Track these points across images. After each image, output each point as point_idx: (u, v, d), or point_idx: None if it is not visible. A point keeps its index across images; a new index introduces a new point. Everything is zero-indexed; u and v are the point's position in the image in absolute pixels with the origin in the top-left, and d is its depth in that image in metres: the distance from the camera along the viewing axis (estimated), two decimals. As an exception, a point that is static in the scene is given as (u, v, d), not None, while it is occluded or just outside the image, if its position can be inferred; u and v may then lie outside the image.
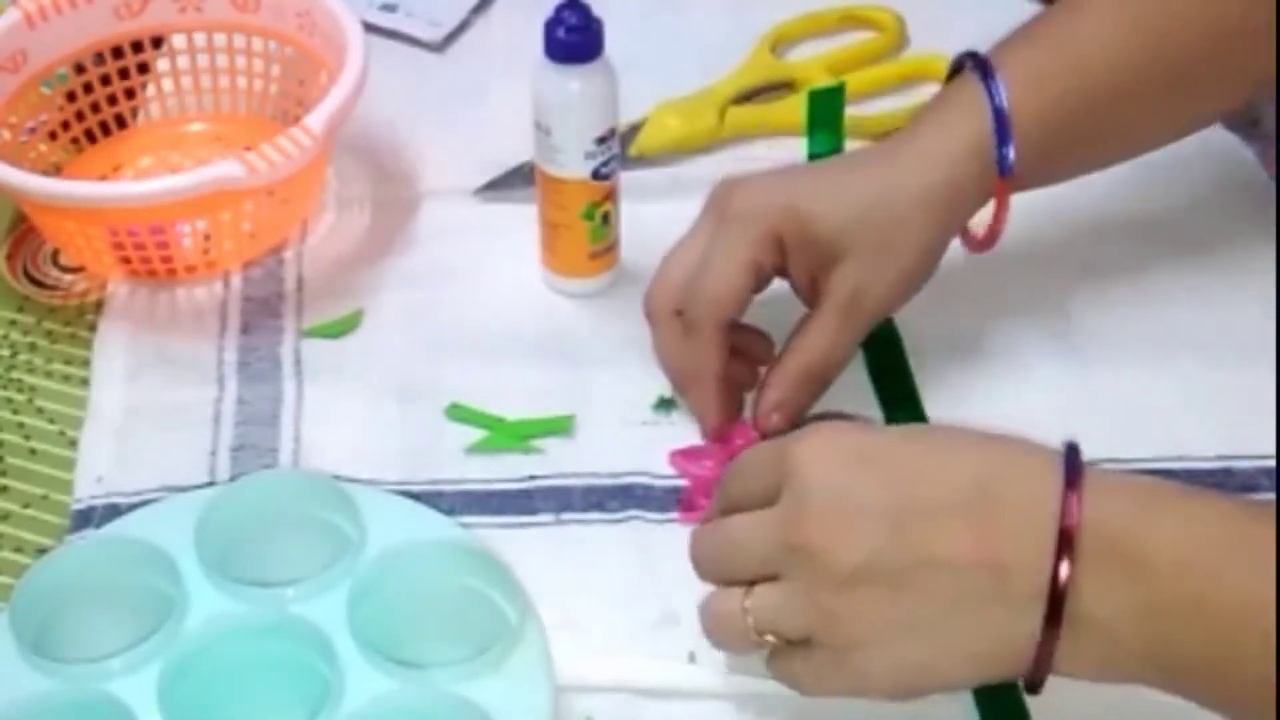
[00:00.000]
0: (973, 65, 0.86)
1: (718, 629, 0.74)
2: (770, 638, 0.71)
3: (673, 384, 0.89)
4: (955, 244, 0.89)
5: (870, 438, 0.72)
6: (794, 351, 0.86)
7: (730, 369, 0.87)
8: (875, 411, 0.89)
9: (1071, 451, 0.69)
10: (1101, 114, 0.86)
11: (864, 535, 0.68)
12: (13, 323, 0.96)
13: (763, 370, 0.88)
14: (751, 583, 0.72)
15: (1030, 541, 0.67)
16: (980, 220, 0.89)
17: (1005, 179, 0.85)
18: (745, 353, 0.89)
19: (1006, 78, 0.85)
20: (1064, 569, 0.66)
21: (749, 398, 0.88)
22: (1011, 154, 0.84)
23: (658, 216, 0.98)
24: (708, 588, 0.81)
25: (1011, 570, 0.67)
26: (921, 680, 0.70)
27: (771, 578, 0.71)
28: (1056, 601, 0.66)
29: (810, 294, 0.87)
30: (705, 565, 0.75)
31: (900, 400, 0.90)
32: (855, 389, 0.90)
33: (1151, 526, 0.67)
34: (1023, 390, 0.89)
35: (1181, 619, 0.66)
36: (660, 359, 0.89)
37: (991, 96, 0.84)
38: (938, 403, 0.89)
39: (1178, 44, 0.86)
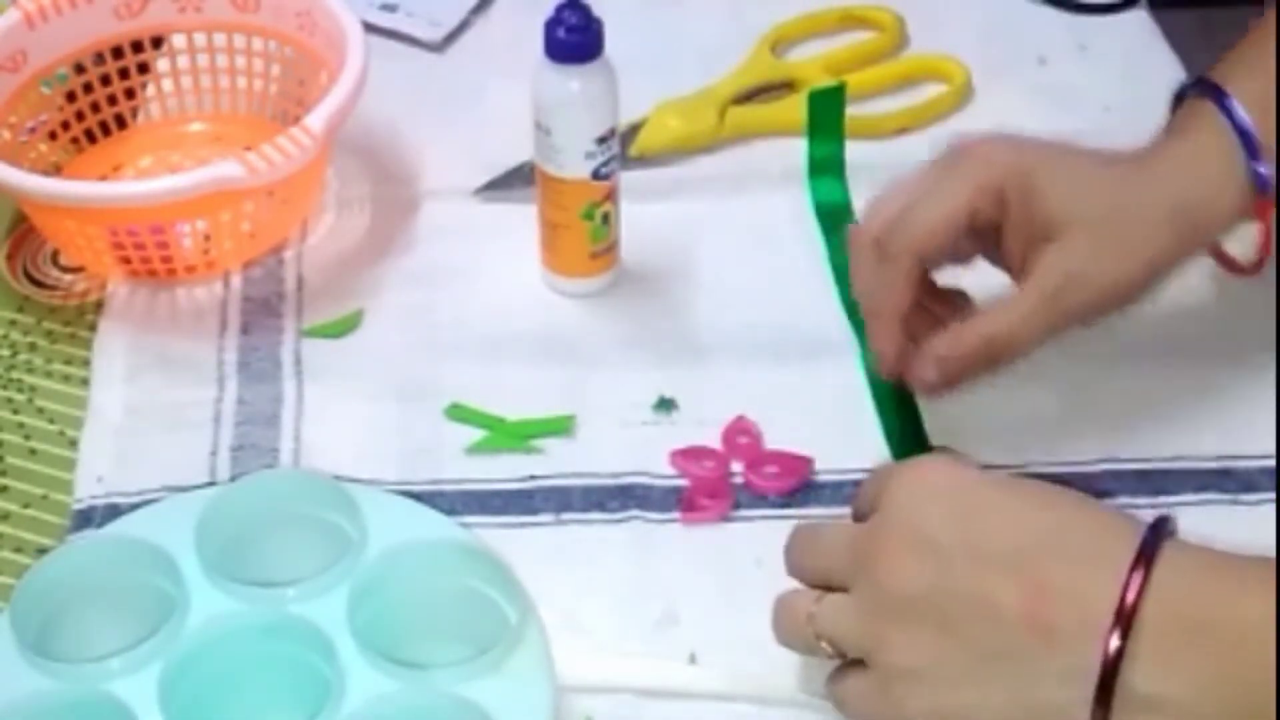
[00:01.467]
0: (1201, 90, 0.84)
1: (781, 621, 0.74)
2: (826, 646, 0.72)
3: (865, 314, 0.86)
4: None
5: (962, 476, 0.71)
6: (982, 317, 0.83)
7: (919, 317, 0.85)
8: (873, 411, 0.89)
9: (1158, 524, 0.66)
10: None
11: (922, 567, 0.68)
12: (13, 323, 0.96)
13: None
14: (827, 589, 0.72)
15: (1083, 610, 0.65)
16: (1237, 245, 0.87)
17: (1264, 196, 0.83)
18: (941, 306, 0.86)
19: (1239, 101, 0.83)
20: (1114, 642, 0.63)
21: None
22: (1266, 170, 0.82)
23: (658, 216, 0.99)
24: (708, 589, 0.82)
25: (1059, 636, 0.65)
26: (961, 717, 0.68)
27: (843, 590, 0.71)
28: (1108, 677, 0.64)
29: (1017, 265, 0.83)
30: (791, 560, 0.75)
31: (895, 402, 0.90)
32: (855, 390, 0.90)
33: (1219, 594, 0.65)
34: (1022, 390, 0.89)
35: (1256, 684, 0.63)
36: (855, 286, 0.86)
37: (1232, 117, 0.83)
38: (938, 403, 0.89)
39: None
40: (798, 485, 0.85)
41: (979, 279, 0.86)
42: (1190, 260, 0.86)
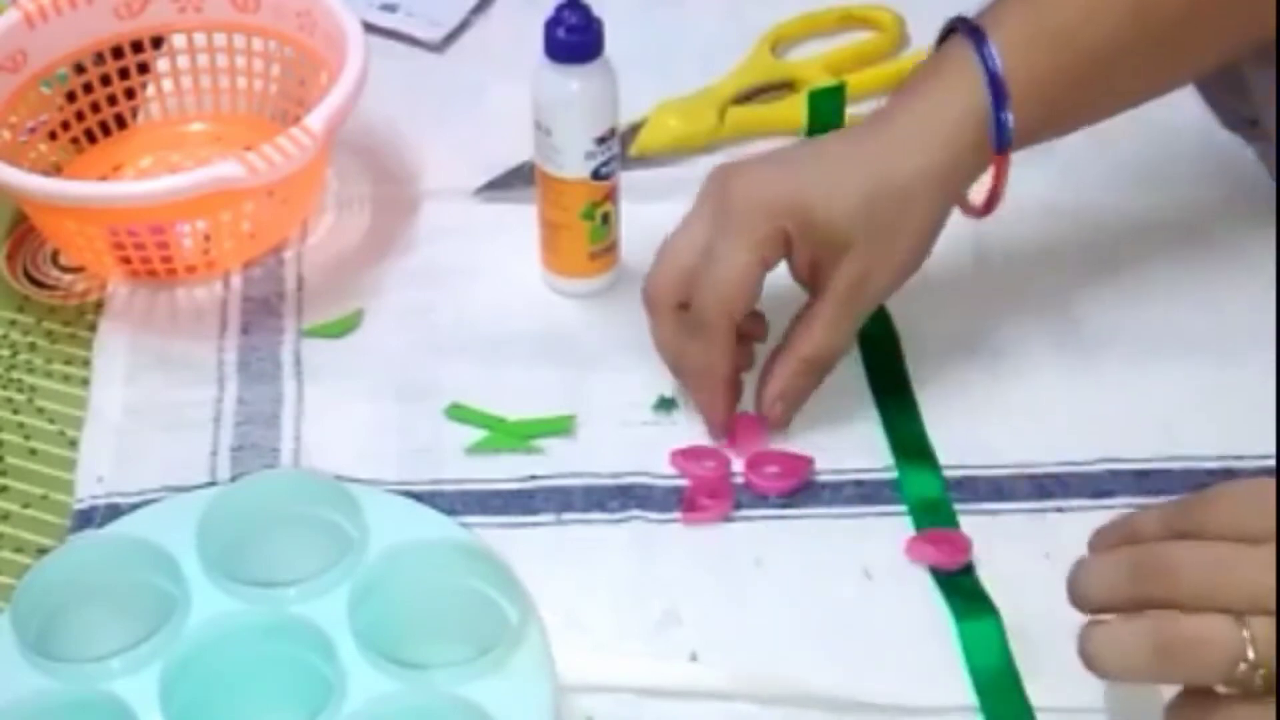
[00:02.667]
0: (964, 30, 0.85)
1: (1191, 652, 0.65)
2: (1259, 679, 0.64)
3: (675, 376, 0.89)
4: (955, 249, 0.89)
5: None
6: (796, 342, 0.87)
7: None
8: (872, 411, 0.89)
9: None
10: (1090, 78, 0.86)
11: None
12: (13, 323, 0.96)
13: (758, 349, 0.89)
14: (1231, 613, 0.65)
15: None
16: (977, 187, 0.88)
17: (1003, 149, 0.85)
18: (742, 335, 0.88)
19: (999, 42, 0.84)
20: None
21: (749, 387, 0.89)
22: (1010, 119, 0.84)
23: (658, 216, 0.98)
24: (709, 588, 0.81)
25: None
26: None
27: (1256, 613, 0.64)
28: None
29: (810, 280, 0.87)
30: (1199, 584, 0.65)
31: (895, 402, 0.90)
32: (855, 390, 0.90)
33: None
34: (1023, 390, 0.89)
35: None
36: (662, 352, 0.89)
37: (985, 63, 0.84)
38: (938, 403, 0.89)
39: (1160, 6, 0.85)
40: (798, 485, 0.86)
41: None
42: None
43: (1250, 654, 0.64)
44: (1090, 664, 0.68)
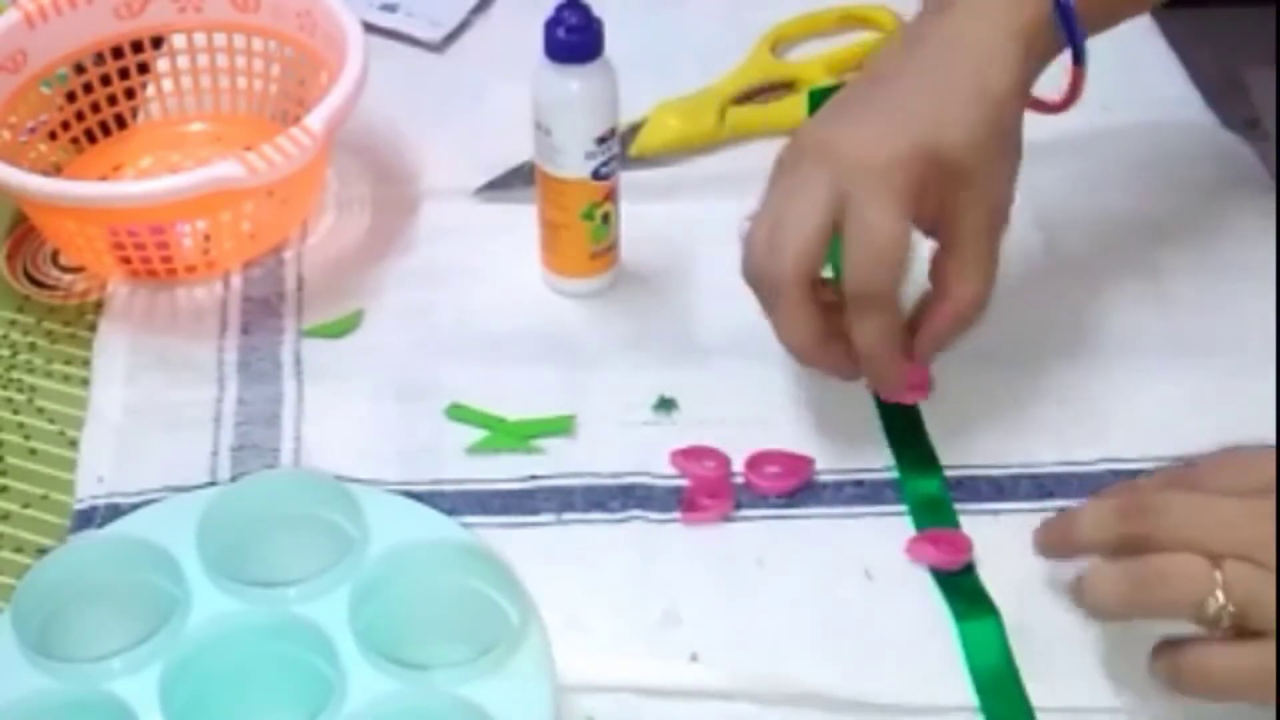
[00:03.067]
0: None
1: (1163, 585, 0.71)
2: (1227, 618, 0.69)
3: (805, 359, 0.84)
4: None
5: None
6: (954, 291, 0.83)
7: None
8: (873, 411, 0.89)
9: None
10: None
11: None
12: (13, 323, 0.96)
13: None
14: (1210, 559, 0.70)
15: None
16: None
17: (1075, 38, 0.84)
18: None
19: None
20: None
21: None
22: (1068, 7, 0.82)
23: (658, 216, 0.99)
24: (709, 588, 0.81)
25: None
26: None
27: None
28: None
29: (939, 220, 0.83)
30: (1179, 524, 0.71)
31: (896, 402, 0.90)
32: (856, 390, 0.90)
33: None
34: (1023, 390, 0.89)
35: None
36: (795, 333, 0.83)
37: None
38: (939, 402, 0.89)
39: None
40: (798, 485, 0.86)
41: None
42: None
43: (1219, 594, 0.69)
44: (1081, 602, 0.74)
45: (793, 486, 0.85)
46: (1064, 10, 0.83)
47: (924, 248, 0.84)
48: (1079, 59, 0.85)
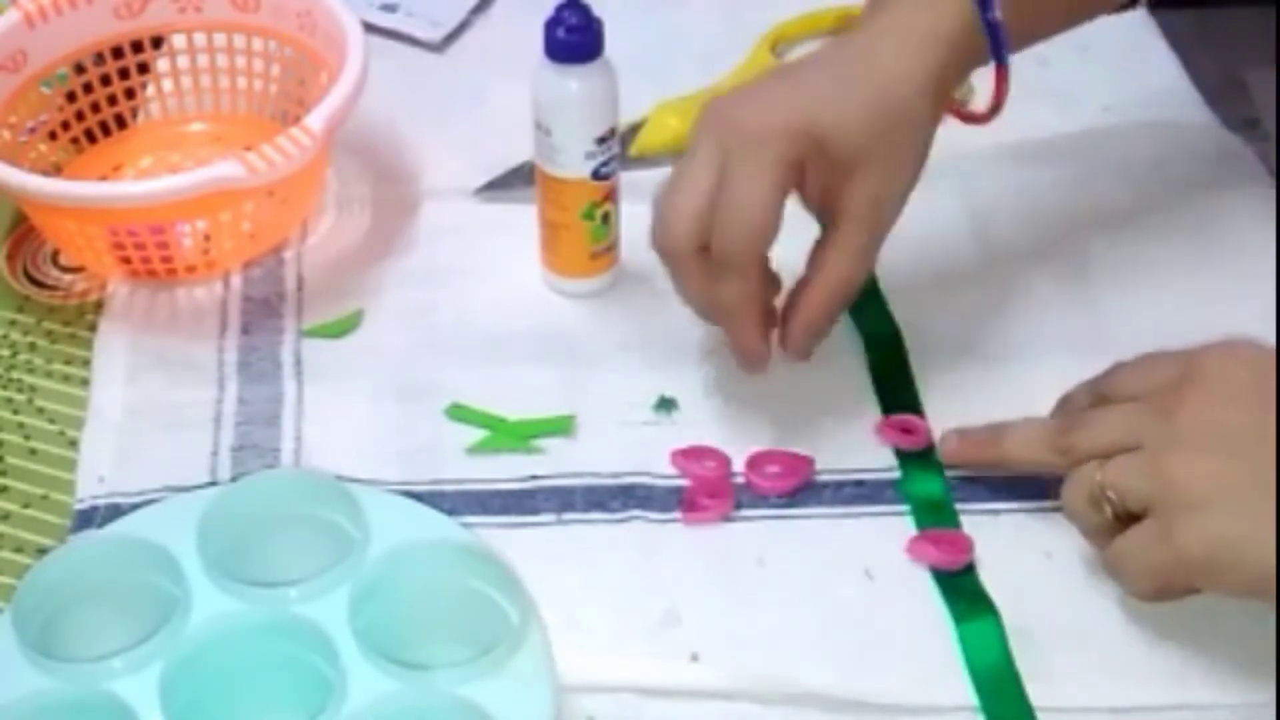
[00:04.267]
0: None
1: (1069, 486, 0.79)
2: (1108, 506, 0.76)
3: (706, 319, 0.87)
4: (957, 248, 0.89)
5: (1269, 352, 0.77)
6: (822, 272, 0.84)
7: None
8: (874, 411, 0.89)
9: None
10: None
11: (1236, 411, 0.75)
12: (13, 323, 0.96)
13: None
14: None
15: None
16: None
17: (999, 53, 0.84)
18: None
19: None
20: None
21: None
22: (992, 17, 0.83)
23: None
24: (709, 588, 0.82)
25: None
26: (1234, 558, 0.72)
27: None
28: None
29: (823, 205, 0.85)
30: (1089, 429, 0.79)
31: (898, 401, 0.90)
32: (857, 389, 0.90)
33: None
34: (1024, 390, 0.89)
35: None
36: (689, 300, 0.86)
37: None
38: (941, 402, 0.89)
39: None
40: (799, 485, 0.86)
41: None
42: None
43: (1099, 476, 0.77)
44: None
45: (793, 486, 0.85)
46: (990, 23, 0.83)
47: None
48: (1002, 69, 0.85)
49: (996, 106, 0.87)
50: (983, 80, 0.87)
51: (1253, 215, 0.99)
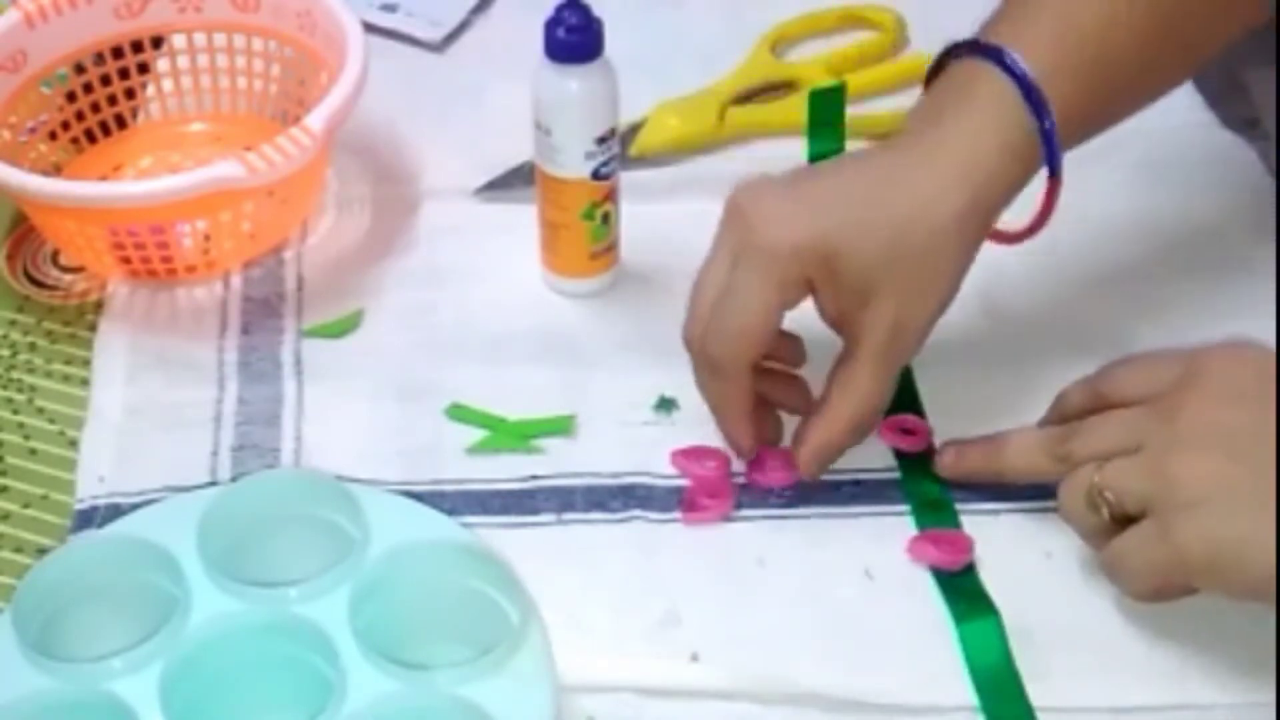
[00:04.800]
0: (975, 50, 0.82)
1: (1066, 488, 0.78)
2: (1105, 508, 0.76)
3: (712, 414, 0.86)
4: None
5: (1271, 355, 0.77)
6: (837, 403, 0.83)
7: (765, 390, 0.85)
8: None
9: None
10: (1119, 81, 0.83)
11: (1235, 411, 0.74)
12: (13, 323, 0.96)
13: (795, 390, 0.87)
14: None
15: None
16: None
17: (1054, 166, 0.82)
18: (779, 359, 0.86)
19: (1017, 55, 0.80)
20: None
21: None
22: (1049, 125, 0.80)
23: (658, 216, 0.98)
24: (709, 588, 0.81)
25: None
26: (1234, 558, 0.72)
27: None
28: None
29: (840, 326, 0.83)
30: (1088, 435, 0.79)
31: (898, 401, 0.90)
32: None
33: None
34: (1023, 390, 0.89)
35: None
36: (700, 391, 0.85)
37: (1014, 75, 0.80)
38: (939, 404, 0.89)
39: None
40: (798, 478, 0.85)
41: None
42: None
43: (1097, 478, 0.76)
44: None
45: (794, 478, 0.85)
46: (1046, 131, 0.81)
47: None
48: (1054, 182, 0.83)
49: (1041, 222, 0.85)
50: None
51: (1253, 215, 0.99)
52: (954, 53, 0.84)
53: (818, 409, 0.84)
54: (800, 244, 0.80)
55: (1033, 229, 0.86)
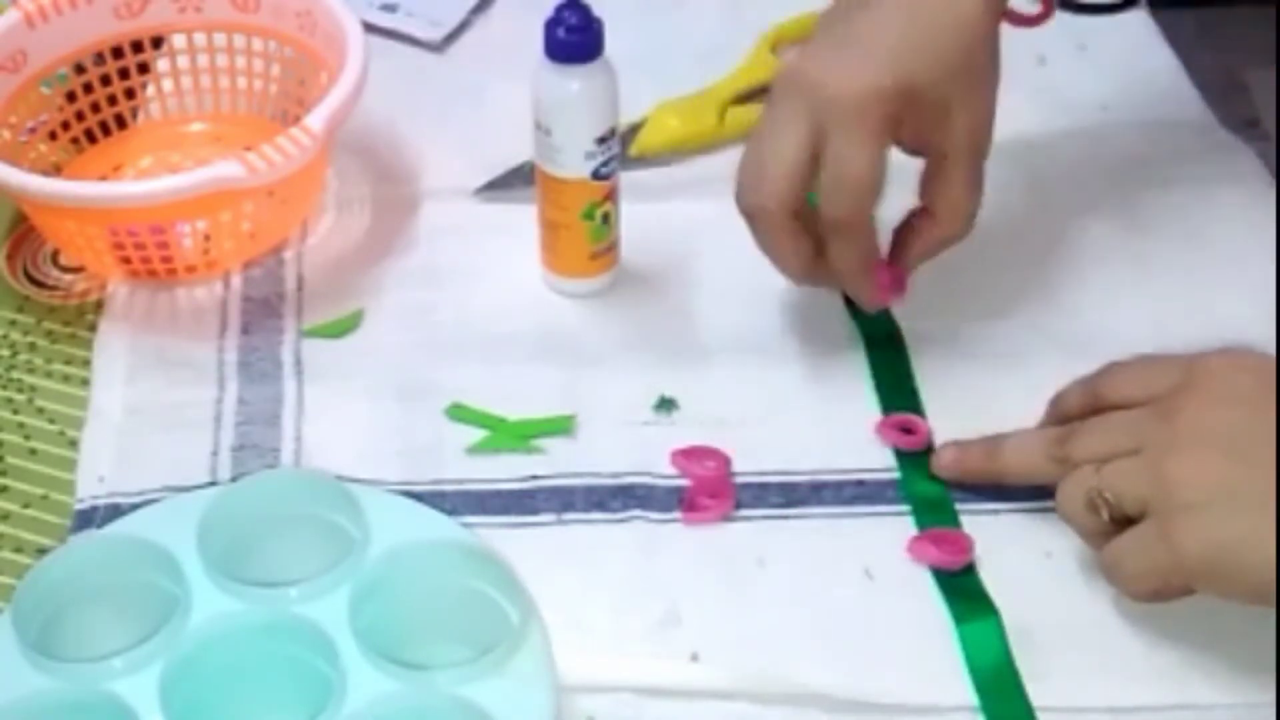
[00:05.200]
0: None
1: (1065, 489, 0.79)
2: (1104, 509, 0.76)
3: (805, 283, 0.90)
4: (958, 249, 0.89)
5: (1270, 361, 0.77)
6: (938, 207, 0.87)
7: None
8: (874, 411, 0.89)
9: None
10: None
11: (1232, 412, 0.75)
12: (13, 323, 0.96)
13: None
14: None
15: None
16: None
17: None
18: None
19: None
20: None
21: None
22: None
23: (658, 216, 0.98)
24: (710, 588, 0.81)
25: None
26: (1234, 561, 0.72)
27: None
28: None
29: (921, 147, 0.87)
30: (1087, 437, 0.80)
31: (899, 401, 0.90)
32: (858, 389, 0.90)
33: None
34: (1023, 390, 0.89)
35: None
36: (783, 259, 0.88)
37: None
38: (938, 402, 0.89)
39: None
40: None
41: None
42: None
43: (1096, 479, 0.76)
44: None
45: (900, 295, 0.89)
46: None
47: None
48: None
49: (1047, 9, 0.90)
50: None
51: (1253, 215, 0.99)
52: None
53: (919, 217, 0.88)
54: (882, 87, 0.83)
55: (1043, 13, 0.91)
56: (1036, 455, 0.82)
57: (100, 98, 1.05)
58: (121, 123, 1.06)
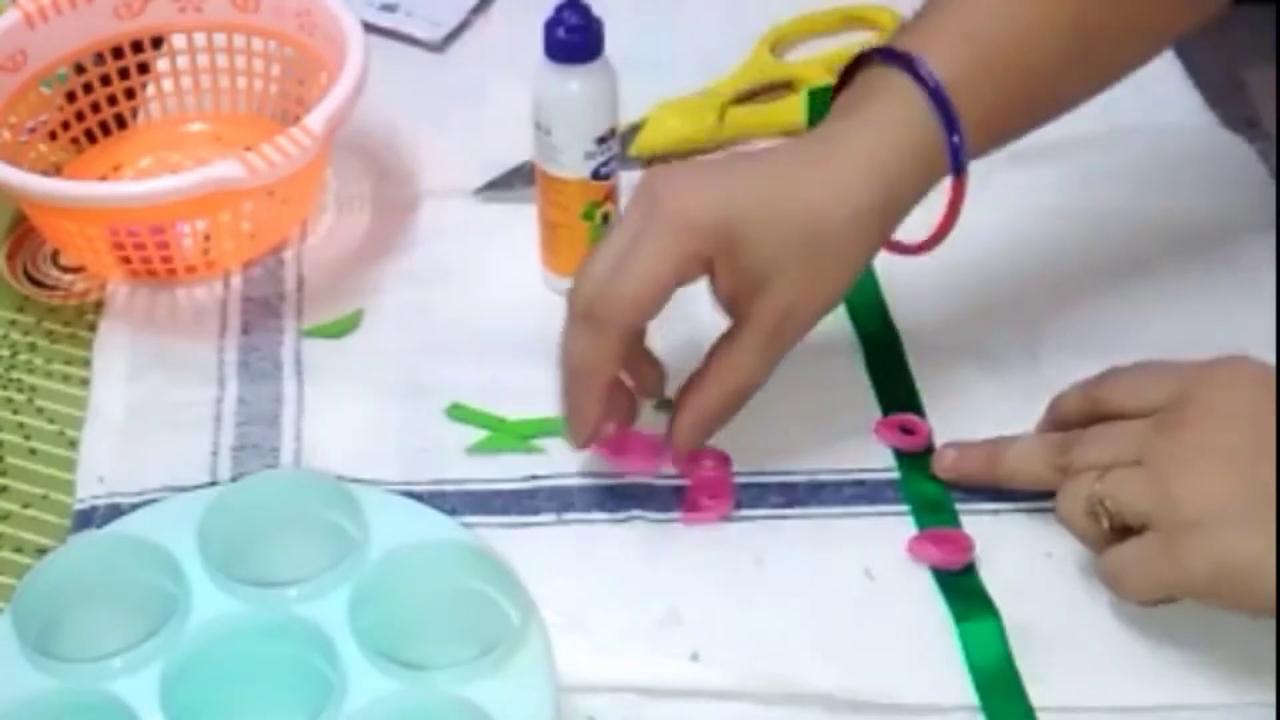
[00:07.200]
0: (888, 59, 0.82)
1: (1065, 495, 0.78)
2: (1105, 517, 0.76)
3: (562, 382, 0.83)
4: (958, 250, 0.89)
5: (1272, 371, 0.77)
6: (718, 372, 0.83)
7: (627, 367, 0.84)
8: (874, 411, 0.89)
9: None
10: (1035, 97, 0.84)
11: (1236, 425, 0.74)
12: (13, 323, 0.96)
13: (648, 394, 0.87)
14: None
15: None
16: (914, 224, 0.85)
17: (959, 173, 0.82)
18: (637, 378, 0.86)
19: (930, 65, 0.81)
20: None
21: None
22: (961, 143, 0.81)
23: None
24: (710, 588, 0.82)
25: None
26: (1240, 577, 0.72)
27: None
28: None
29: (731, 307, 0.83)
30: (1089, 447, 0.79)
31: (898, 401, 0.90)
32: (858, 390, 0.90)
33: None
34: (1023, 391, 0.89)
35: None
36: (561, 354, 0.82)
37: (928, 86, 0.80)
38: (938, 403, 0.89)
39: (1100, 16, 0.84)
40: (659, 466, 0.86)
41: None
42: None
43: (1098, 488, 0.76)
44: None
45: (657, 466, 0.85)
46: (953, 146, 0.81)
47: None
48: (958, 185, 0.83)
49: (940, 235, 0.85)
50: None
51: (1253, 215, 0.99)
52: (864, 61, 0.84)
53: (695, 383, 0.84)
54: (704, 221, 0.79)
55: (933, 240, 0.85)
56: (1038, 463, 0.82)
57: (100, 98, 1.05)
58: (121, 123, 1.06)
